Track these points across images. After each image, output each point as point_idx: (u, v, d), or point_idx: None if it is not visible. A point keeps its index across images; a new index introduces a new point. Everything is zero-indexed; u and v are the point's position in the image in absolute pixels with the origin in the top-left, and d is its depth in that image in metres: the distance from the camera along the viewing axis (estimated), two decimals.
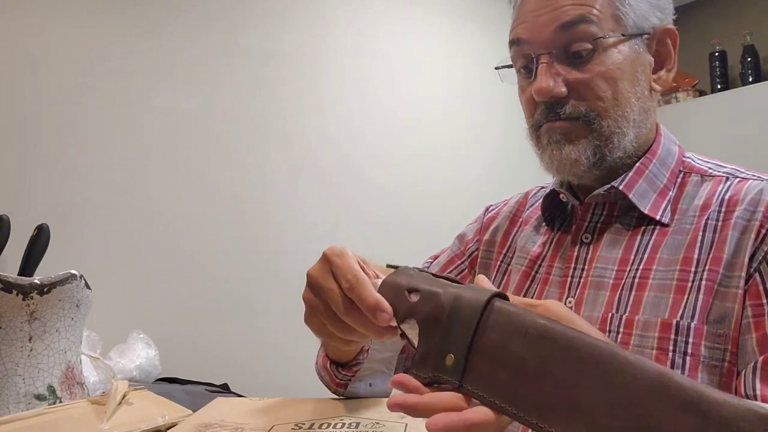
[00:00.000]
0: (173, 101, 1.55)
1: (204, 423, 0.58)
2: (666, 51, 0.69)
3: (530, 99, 0.68)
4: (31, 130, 1.35)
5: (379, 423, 0.56)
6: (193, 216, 1.57)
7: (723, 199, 0.63)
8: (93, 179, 1.42)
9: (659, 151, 0.69)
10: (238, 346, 1.59)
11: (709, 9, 2.81)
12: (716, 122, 2.42)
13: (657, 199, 0.66)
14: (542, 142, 0.68)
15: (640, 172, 0.67)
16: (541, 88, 0.64)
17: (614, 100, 0.65)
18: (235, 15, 1.67)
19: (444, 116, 2.12)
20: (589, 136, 0.65)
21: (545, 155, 0.68)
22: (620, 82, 0.65)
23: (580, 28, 0.63)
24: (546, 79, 0.64)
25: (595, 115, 0.64)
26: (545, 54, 0.65)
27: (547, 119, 0.66)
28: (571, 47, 0.64)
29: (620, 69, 0.65)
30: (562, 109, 0.65)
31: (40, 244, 0.93)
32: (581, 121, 0.65)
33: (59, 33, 1.40)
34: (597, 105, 0.64)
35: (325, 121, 1.83)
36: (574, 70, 0.64)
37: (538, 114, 0.67)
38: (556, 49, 0.64)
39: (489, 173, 2.18)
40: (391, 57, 2.02)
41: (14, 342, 0.73)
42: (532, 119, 0.69)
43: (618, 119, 0.65)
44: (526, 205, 0.83)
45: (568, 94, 0.64)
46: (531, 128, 0.70)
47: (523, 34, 0.66)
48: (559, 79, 0.64)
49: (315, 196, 1.79)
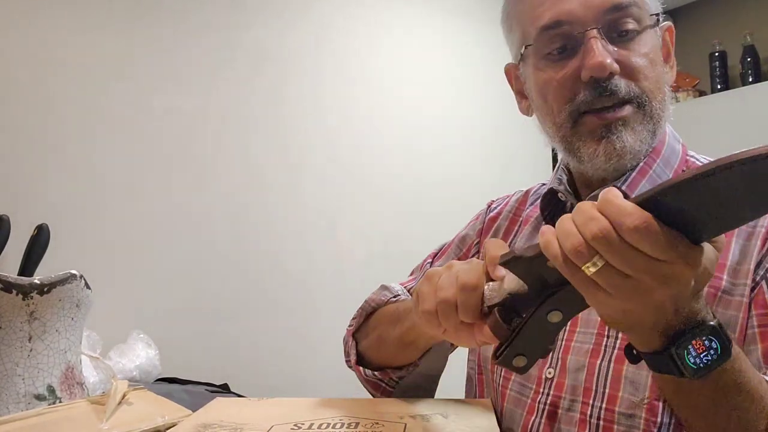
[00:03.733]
0: (173, 101, 1.55)
1: (204, 423, 0.58)
2: (667, 48, 0.69)
3: (566, 82, 0.63)
4: (31, 130, 1.35)
5: (378, 423, 0.56)
6: (193, 216, 1.57)
7: None
8: (93, 179, 1.42)
9: (663, 150, 0.67)
10: (238, 346, 1.59)
11: (709, 9, 2.81)
12: (716, 122, 2.42)
13: None
14: (585, 135, 0.63)
15: (644, 172, 0.65)
16: (599, 62, 0.59)
17: (657, 82, 0.63)
18: (235, 15, 1.67)
19: (444, 116, 2.12)
20: (644, 121, 0.62)
21: (596, 149, 0.62)
22: (658, 66, 0.64)
23: (630, 10, 0.62)
24: (604, 53, 0.59)
25: (646, 97, 0.62)
26: (595, 29, 0.60)
27: (597, 101, 0.61)
28: (620, 25, 0.62)
29: (657, 54, 0.64)
30: (617, 87, 0.60)
31: (40, 244, 0.93)
32: (635, 103, 0.62)
33: (58, 33, 1.40)
34: (645, 85, 0.62)
35: (325, 121, 1.83)
36: (621, 48, 0.62)
37: (585, 96, 0.62)
38: (605, 26, 0.61)
39: (489, 173, 2.17)
40: (392, 57, 2.01)
41: (14, 342, 0.73)
42: (570, 104, 0.63)
43: (662, 102, 0.64)
44: (527, 203, 0.82)
45: (619, 72, 0.61)
46: (568, 116, 0.64)
47: (564, 15, 0.62)
48: (612, 55, 0.61)
49: (315, 196, 1.79)
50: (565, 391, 0.62)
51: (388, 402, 0.67)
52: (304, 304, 1.71)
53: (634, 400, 0.57)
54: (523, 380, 0.67)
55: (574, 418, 0.61)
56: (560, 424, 0.62)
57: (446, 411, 0.60)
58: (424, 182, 2.02)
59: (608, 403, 0.59)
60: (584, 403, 0.60)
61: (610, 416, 0.58)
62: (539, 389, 0.64)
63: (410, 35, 2.07)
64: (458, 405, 0.63)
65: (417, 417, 0.58)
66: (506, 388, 0.68)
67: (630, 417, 0.57)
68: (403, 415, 0.58)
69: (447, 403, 0.63)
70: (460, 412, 0.60)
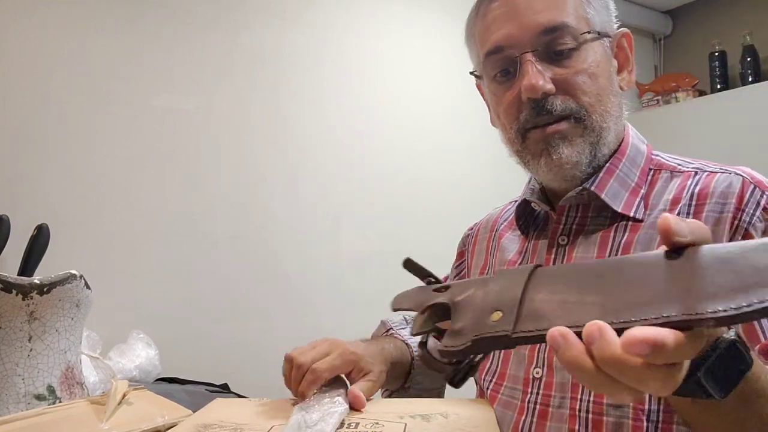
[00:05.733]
0: (173, 101, 1.55)
1: (204, 423, 0.58)
2: (624, 54, 0.72)
3: (512, 103, 0.68)
4: (30, 130, 1.35)
5: (378, 423, 0.56)
6: (193, 216, 1.57)
7: (693, 192, 0.64)
8: (93, 179, 1.42)
9: (628, 151, 0.70)
10: (238, 346, 1.58)
11: (709, 9, 2.80)
12: (716, 122, 2.41)
13: (630, 198, 0.67)
14: (531, 149, 0.68)
15: (611, 172, 0.68)
16: (531, 84, 0.64)
17: (597, 95, 0.66)
18: (235, 15, 1.67)
19: (444, 116, 2.12)
20: (583, 134, 0.66)
21: (539, 162, 0.67)
22: (600, 78, 0.66)
23: (563, 31, 0.65)
24: (536, 75, 0.64)
25: (584, 111, 0.65)
26: (529, 53, 0.65)
27: (536, 119, 0.66)
28: (554, 46, 0.65)
29: (599, 66, 0.67)
30: (552, 106, 0.65)
31: (40, 244, 0.93)
32: (572, 119, 0.65)
33: (58, 33, 1.40)
34: (583, 100, 0.65)
35: (325, 121, 1.83)
36: (557, 67, 0.65)
37: (525, 115, 0.66)
38: (540, 48, 0.65)
39: (489, 174, 2.17)
40: (392, 57, 2.01)
41: (14, 342, 0.73)
42: (516, 123, 0.68)
43: (603, 114, 0.66)
44: (500, 219, 0.85)
45: (555, 91, 0.65)
46: (516, 133, 0.69)
47: (503, 40, 0.67)
48: (546, 75, 0.65)
49: (315, 196, 1.79)
50: (555, 389, 0.64)
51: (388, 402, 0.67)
52: (304, 304, 1.71)
53: None
54: (513, 383, 0.68)
55: (564, 415, 0.62)
56: (551, 422, 0.63)
57: (446, 411, 0.60)
58: (424, 182, 2.02)
59: (596, 396, 0.60)
60: (573, 399, 0.62)
61: (599, 408, 0.60)
62: (527, 389, 0.66)
63: (410, 35, 2.07)
64: (458, 405, 0.63)
65: (417, 417, 0.58)
66: (497, 392, 0.70)
67: (618, 407, 0.58)
68: (403, 415, 0.58)
69: (447, 403, 0.63)
70: (460, 412, 0.60)
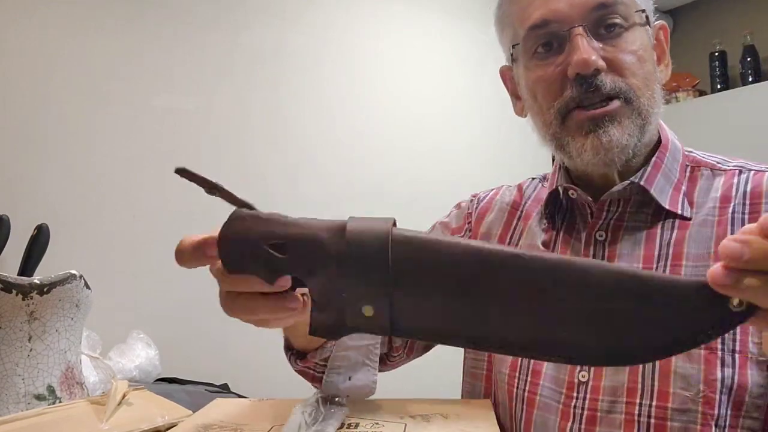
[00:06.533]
0: (173, 101, 1.55)
1: (204, 423, 0.58)
2: (662, 47, 0.69)
3: (555, 79, 0.63)
4: (31, 130, 1.35)
5: (378, 423, 0.56)
6: (193, 216, 1.57)
7: (745, 191, 0.62)
8: (93, 179, 1.42)
9: (669, 146, 0.68)
10: (238, 346, 1.58)
11: (709, 9, 2.80)
12: (716, 122, 2.42)
13: (674, 194, 0.65)
14: (572, 130, 0.63)
15: (657, 166, 0.65)
16: (583, 59, 0.60)
17: (645, 79, 0.63)
18: (235, 15, 1.67)
19: (445, 116, 2.12)
20: (632, 116, 0.62)
21: (584, 143, 0.62)
22: (647, 64, 0.64)
23: (616, 7, 0.62)
24: (588, 50, 0.60)
25: (633, 93, 0.62)
26: (580, 26, 0.61)
27: (584, 97, 0.61)
28: (605, 21, 0.62)
29: (647, 51, 0.64)
30: (602, 83, 0.61)
31: (39, 244, 0.93)
32: (622, 98, 0.62)
33: (58, 33, 1.40)
34: (632, 82, 0.62)
35: (325, 121, 1.83)
36: (607, 45, 0.62)
37: (572, 93, 0.62)
38: (591, 24, 0.62)
39: (489, 173, 2.17)
40: (392, 57, 2.01)
41: (14, 342, 0.73)
42: (560, 100, 0.63)
43: (650, 99, 0.64)
44: (523, 198, 0.80)
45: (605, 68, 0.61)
46: (556, 113, 0.64)
47: (550, 15, 0.62)
48: (598, 51, 0.61)
49: (315, 196, 1.78)
50: (603, 393, 0.60)
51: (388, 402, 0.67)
52: None
53: (688, 396, 0.56)
54: (553, 385, 0.65)
55: (617, 420, 0.59)
56: (600, 427, 0.60)
57: (446, 411, 0.60)
58: (424, 182, 2.02)
59: (659, 400, 0.57)
60: (629, 403, 0.58)
61: (662, 413, 0.57)
62: (572, 393, 0.62)
63: (410, 35, 2.07)
64: (458, 405, 0.63)
65: (417, 417, 0.58)
66: (534, 394, 0.66)
67: (685, 412, 0.56)
68: (403, 415, 0.58)
69: (447, 403, 0.63)
70: (460, 412, 0.60)
